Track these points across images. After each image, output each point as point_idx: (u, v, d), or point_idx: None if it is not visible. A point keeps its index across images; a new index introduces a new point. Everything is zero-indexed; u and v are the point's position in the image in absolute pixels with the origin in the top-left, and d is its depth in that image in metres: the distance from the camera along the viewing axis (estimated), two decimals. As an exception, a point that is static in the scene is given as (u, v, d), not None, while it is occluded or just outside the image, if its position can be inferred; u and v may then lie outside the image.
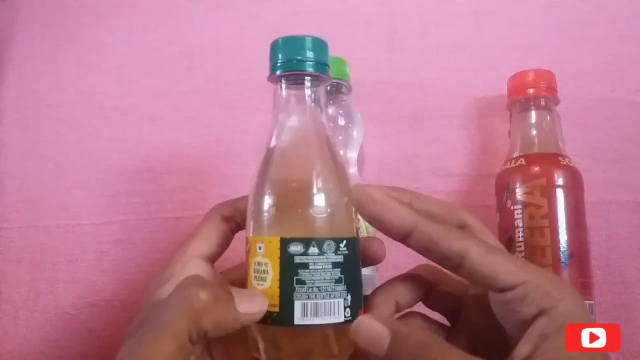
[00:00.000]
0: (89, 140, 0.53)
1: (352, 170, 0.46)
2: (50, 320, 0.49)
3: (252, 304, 0.28)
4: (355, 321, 0.28)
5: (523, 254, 0.41)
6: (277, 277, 0.29)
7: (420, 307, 0.34)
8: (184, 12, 0.56)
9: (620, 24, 0.52)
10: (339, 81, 0.46)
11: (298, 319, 0.28)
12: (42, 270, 0.50)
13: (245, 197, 0.33)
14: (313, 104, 0.32)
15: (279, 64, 0.31)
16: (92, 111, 0.54)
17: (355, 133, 0.46)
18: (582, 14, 0.53)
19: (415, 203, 0.31)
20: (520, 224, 0.42)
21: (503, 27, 0.53)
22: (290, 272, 0.28)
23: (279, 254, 0.29)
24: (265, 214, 0.30)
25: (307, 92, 0.32)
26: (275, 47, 0.31)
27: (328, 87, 0.45)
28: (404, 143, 0.51)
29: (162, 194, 0.51)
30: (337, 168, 0.31)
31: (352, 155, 0.46)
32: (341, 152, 0.46)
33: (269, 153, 0.31)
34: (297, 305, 0.28)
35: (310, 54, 0.31)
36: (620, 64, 0.51)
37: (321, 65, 0.31)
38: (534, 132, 0.45)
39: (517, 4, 0.54)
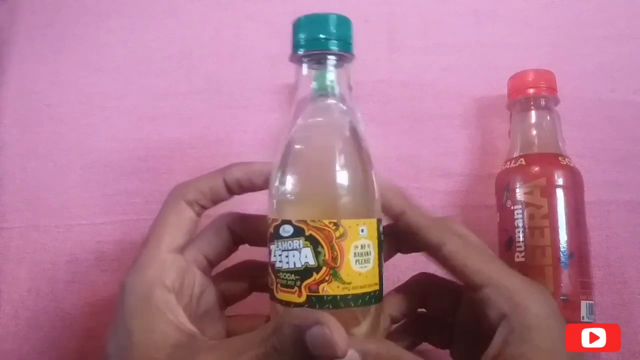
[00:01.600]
0: (89, 140, 0.53)
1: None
2: (50, 320, 0.49)
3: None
4: None
5: (523, 254, 0.41)
6: (377, 256, 0.29)
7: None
8: (184, 12, 0.56)
9: (620, 24, 0.52)
10: (339, 81, 0.46)
11: (384, 294, 0.30)
12: (42, 270, 0.50)
13: (203, 177, 0.32)
14: (338, 85, 0.31)
15: (301, 43, 0.30)
16: (92, 111, 0.54)
17: (355, 133, 0.46)
18: (582, 14, 0.53)
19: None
20: (520, 224, 0.42)
21: (503, 27, 0.53)
22: (380, 250, 0.30)
23: (376, 235, 0.29)
24: (362, 195, 0.30)
25: (331, 71, 0.31)
26: (297, 26, 0.30)
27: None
28: (404, 143, 0.51)
29: (162, 194, 0.50)
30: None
31: (352, 155, 0.46)
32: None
33: (308, 135, 0.31)
34: (383, 280, 0.30)
35: (333, 32, 0.30)
36: (620, 64, 0.51)
37: (345, 43, 0.30)
38: (534, 132, 0.45)
39: (517, 4, 0.54)
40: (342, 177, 0.29)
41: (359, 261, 0.28)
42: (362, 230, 0.29)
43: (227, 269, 0.36)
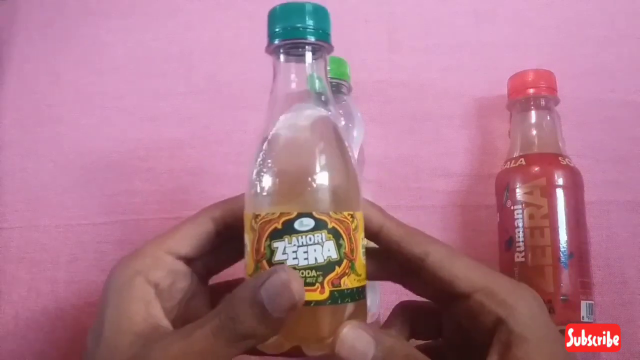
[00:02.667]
0: (89, 140, 0.53)
1: (352, 170, 0.46)
2: (50, 320, 0.49)
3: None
4: (343, 332, 0.27)
5: (523, 254, 0.41)
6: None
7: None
8: (184, 12, 0.56)
9: (620, 24, 0.52)
10: (339, 81, 0.46)
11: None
12: (42, 270, 0.50)
13: (237, 198, 0.31)
14: (316, 76, 0.30)
15: (277, 33, 0.29)
16: (92, 111, 0.54)
17: (355, 133, 0.46)
18: (582, 14, 0.53)
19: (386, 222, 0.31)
20: (520, 224, 0.42)
21: (503, 27, 0.53)
22: None
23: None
24: (359, 189, 0.30)
25: (308, 62, 0.30)
26: (273, 16, 0.29)
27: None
28: (404, 143, 0.51)
29: (162, 194, 0.51)
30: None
31: (352, 155, 0.46)
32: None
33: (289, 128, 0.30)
34: None
35: (310, 22, 0.29)
36: (620, 64, 0.51)
37: (323, 33, 0.29)
38: (534, 132, 0.45)
39: (517, 4, 0.54)
40: (351, 167, 0.29)
41: (363, 252, 0.29)
42: (363, 222, 0.29)
43: (228, 282, 0.35)
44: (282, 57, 0.30)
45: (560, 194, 0.41)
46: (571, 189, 0.42)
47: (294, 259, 0.27)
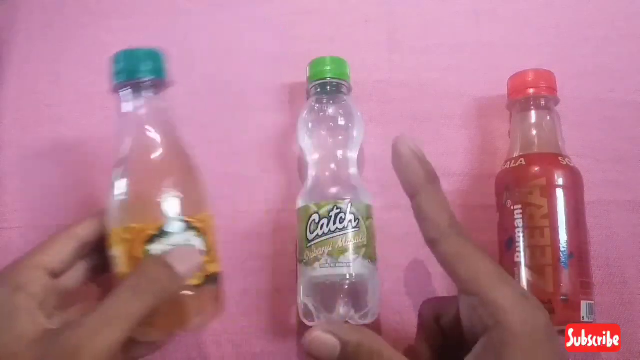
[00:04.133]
0: (89, 140, 0.53)
1: (352, 170, 0.46)
2: (50, 320, 0.49)
3: None
4: (311, 336, 0.31)
5: (523, 253, 0.41)
6: None
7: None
8: (184, 12, 0.56)
9: (620, 24, 0.52)
10: (339, 81, 0.46)
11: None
12: (42, 270, 0.50)
13: (97, 215, 0.37)
14: (155, 110, 0.38)
15: (115, 75, 0.37)
16: (92, 111, 0.54)
17: (355, 133, 0.46)
18: (582, 14, 0.53)
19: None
20: (520, 224, 0.42)
21: (503, 27, 0.53)
22: None
23: None
24: (207, 191, 0.39)
25: (148, 99, 0.37)
26: (113, 59, 0.37)
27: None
28: (404, 143, 0.51)
29: (162, 194, 0.51)
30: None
31: (352, 155, 0.46)
32: (341, 152, 0.46)
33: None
34: None
35: (145, 65, 0.37)
36: (620, 64, 0.51)
37: (156, 71, 0.38)
38: (534, 132, 0.45)
39: (517, 4, 0.54)
40: (199, 173, 0.38)
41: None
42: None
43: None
44: (124, 93, 0.38)
45: (560, 194, 0.42)
46: (571, 189, 0.42)
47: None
